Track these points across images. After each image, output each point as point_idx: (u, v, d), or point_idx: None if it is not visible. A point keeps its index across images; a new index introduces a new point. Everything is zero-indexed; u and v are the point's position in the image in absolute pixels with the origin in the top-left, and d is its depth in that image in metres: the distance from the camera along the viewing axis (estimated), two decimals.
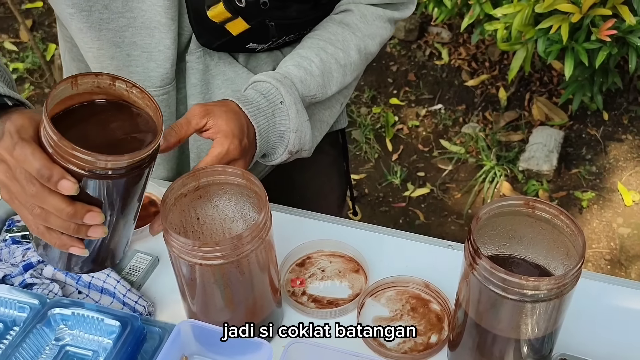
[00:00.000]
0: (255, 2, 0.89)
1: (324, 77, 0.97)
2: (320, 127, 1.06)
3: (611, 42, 1.86)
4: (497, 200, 0.74)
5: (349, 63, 0.99)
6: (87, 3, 0.89)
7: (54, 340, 0.82)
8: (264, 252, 0.78)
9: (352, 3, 1.01)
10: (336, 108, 1.08)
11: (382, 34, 1.04)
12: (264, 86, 0.91)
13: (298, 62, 0.95)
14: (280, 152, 0.94)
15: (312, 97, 0.97)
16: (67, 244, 0.72)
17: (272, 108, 0.91)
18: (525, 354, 0.76)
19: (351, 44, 0.99)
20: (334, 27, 0.99)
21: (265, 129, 0.90)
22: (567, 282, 0.69)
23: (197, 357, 0.83)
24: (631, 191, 2.41)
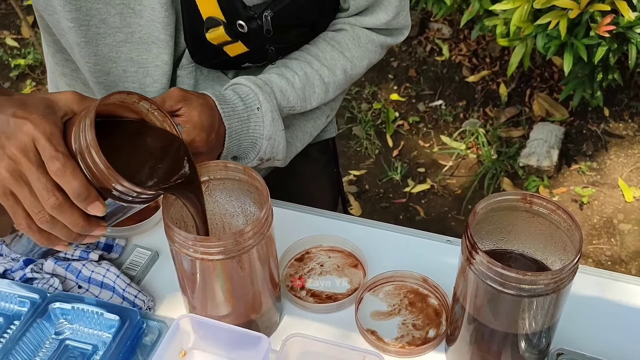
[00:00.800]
0: (258, 29, 0.90)
1: (304, 91, 0.97)
2: (302, 137, 1.06)
3: (610, 38, 1.86)
4: (495, 195, 0.74)
5: (332, 81, 1.00)
6: (85, 17, 0.89)
7: (54, 334, 0.83)
8: (265, 248, 0.78)
9: (347, 24, 1.01)
10: (321, 120, 1.08)
11: (372, 57, 1.04)
12: (243, 90, 0.91)
13: (282, 72, 0.95)
14: (252, 157, 0.94)
15: (290, 109, 0.97)
16: (54, 243, 0.73)
17: (248, 112, 0.91)
18: (522, 349, 0.77)
19: (338, 63, 0.99)
20: (325, 45, 0.99)
21: (237, 132, 0.90)
22: (564, 277, 0.69)
23: (197, 352, 0.83)
24: (632, 187, 2.41)
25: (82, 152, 0.67)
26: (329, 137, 1.19)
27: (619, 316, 0.87)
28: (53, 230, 0.71)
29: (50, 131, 0.68)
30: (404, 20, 1.03)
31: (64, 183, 0.67)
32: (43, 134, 0.67)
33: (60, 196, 0.68)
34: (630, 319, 0.87)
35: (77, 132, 0.68)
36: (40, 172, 0.68)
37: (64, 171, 0.67)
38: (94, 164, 0.66)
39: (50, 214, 0.69)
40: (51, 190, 0.68)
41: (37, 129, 0.67)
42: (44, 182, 0.67)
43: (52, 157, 0.67)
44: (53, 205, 0.68)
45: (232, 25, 0.89)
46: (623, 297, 0.90)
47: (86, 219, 0.70)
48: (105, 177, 0.67)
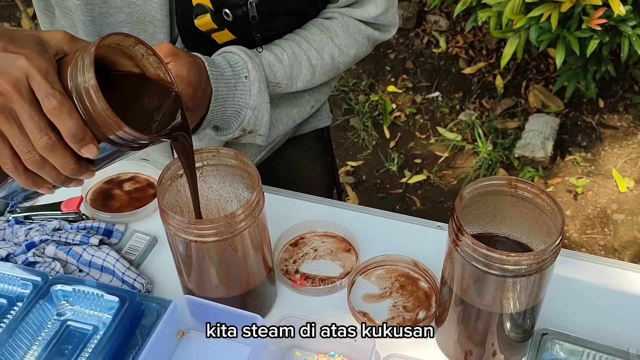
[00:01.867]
0: (244, 16, 0.90)
1: (292, 69, 0.97)
2: (286, 122, 1.06)
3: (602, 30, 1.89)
4: (481, 179, 0.77)
5: (319, 64, 1.00)
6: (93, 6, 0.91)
7: (55, 315, 0.86)
8: (256, 231, 0.80)
9: (337, 12, 1.02)
10: (306, 109, 1.08)
11: (359, 48, 1.05)
12: (233, 57, 0.91)
13: (271, 48, 0.96)
14: (234, 127, 0.93)
15: (276, 85, 0.97)
16: (39, 186, 0.71)
17: (236, 79, 0.90)
18: (508, 329, 0.79)
19: (326, 47, 1.00)
20: (314, 28, 1.00)
21: (223, 97, 0.89)
22: (547, 258, 0.72)
23: (193, 332, 0.86)
24: (626, 178, 2.43)
25: (79, 92, 0.64)
26: (324, 126, 1.21)
27: (600, 298, 0.90)
28: (41, 171, 0.68)
29: (46, 68, 0.64)
30: (392, 17, 1.04)
31: (60, 122, 0.64)
32: (38, 70, 0.64)
33: (53, 136, 0.65)
34: (610, 301, 0.90)
35: (74, 71, 0.64)
36: (33, 109, 0.64)
37: (60, 110, 0.64)
38: (92, 105, 0.63)
39: (41, 155, 0.66)
40: (44, 129, 0.65)
41: (32, 64, 0.64)
42: (37, 120, 0.64)
43: (49, 94, 0.64)
44: (45, 145, 0.65)
45: (218, 13, 0.90)
46: (604, 280, 0.92)
47: (77, 161, 0.67)
48: (102, 119, 0.64)
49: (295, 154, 1.09)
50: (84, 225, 0.96)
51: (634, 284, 0.91)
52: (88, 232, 0.95)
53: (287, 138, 1.15)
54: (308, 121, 1.18)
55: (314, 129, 1.19)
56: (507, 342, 0.81)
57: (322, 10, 1.03)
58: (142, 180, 1.06)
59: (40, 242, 0.92)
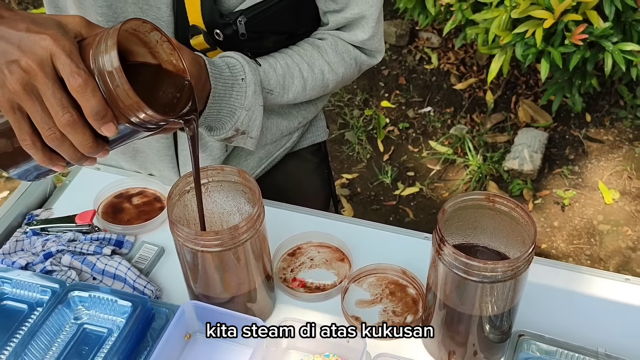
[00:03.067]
0: (234, 34, 0.96)
1: (285, 79, 1.02)
2: (274, 133, 1.11)
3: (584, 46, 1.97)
4: (461, 194, 0.85)
5: (310, 78, 1.05)
6: (113, 14, 0.97)
7: (73, 319, 0.93)
8: (257, 242, 0.88)
9: (328, 34, 1.08)
10: (294, 124, 1.14)
11: (347, 68, 1.09)
12: (231, 61, 0.95)
13: (266, 58, 1.02)
14: (228, 127, 0.96)
15: (269, 91, 1.01)
16: (55, 163, 0.73)
17: (232, 81, 0.94)
18: (487, 330, 0.87)
19: (317, 62, 1.05)
20: (306, 44, 1.06)
21: (220, 96, 0.92)
22: (520, 265, 0.79)
23: (199, 334, 0.93)
24: (611, 190, 2.52)
25: (101, 72, 0.67)
26: (320, 141, 1.29)
27: (572, 303, 0.97)
28: (60, 148, 0.70)
29: (70, 48, 0.67)
30: (378, 43, 1.10)
31: (84, 100, 0.66)
32: (63, 49, 0.66)
33: (75, 113, 0.67)
34: (581, 305, 0.97)
35: (96, 52, 0.67)
36: (56, 87, 0.66)
37: (84, 88, 0.66)
38: (114, 85, 0.66)
39: (61, 132, 0.68)
40: (67, 107, 0.67)
41: (57, 44, 0.66)
42: (59, 98, 0.66)
43: (74, 72, 0.66)
44: (67, 122, 0.67)
45: (210, 34, 0.97)
46: (576, 286, 1.00)
47: (95, 139, 0.69)
48: (123, 98, 0.67)
49: (294, 167, 1.16)
50: (96, 237, 1.04)
51: (602, 290, 0.99)
52: (101, 243, 1.02)
53: (286, 152, 1.23)
54: (305, 136, 1.25)
55: (312, 144, 1.26)
56: (486, 343, 0.88)
57: (313, 32, 1.10)
58: (150, 194, 1.14)
59: (57, 252, 1.00)
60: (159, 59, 0.77)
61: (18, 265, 0.98)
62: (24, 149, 0.72)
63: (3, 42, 0.68)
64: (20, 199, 1.11)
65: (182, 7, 0.96)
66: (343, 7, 1.04)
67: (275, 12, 0.99)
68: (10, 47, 0.68)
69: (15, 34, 0.68)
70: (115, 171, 1.20)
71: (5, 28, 0.69)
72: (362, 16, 1.05)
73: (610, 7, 1.98)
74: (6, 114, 0.70)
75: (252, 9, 0.97)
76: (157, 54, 0.77)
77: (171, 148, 1.12)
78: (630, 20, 2.10)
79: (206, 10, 0.95)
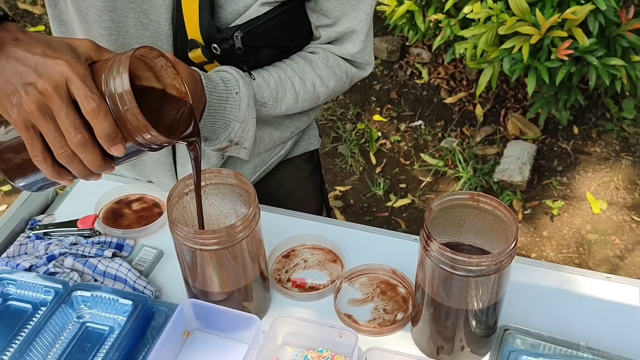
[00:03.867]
0: (230, 49, 1.01)
1: (278, 92, 1.06)
2: (267, 142, 1.15)
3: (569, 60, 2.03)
4: (447, 194, 0.89)
5: (302, 91, 1.09)
6: (116, 28, 1.01)
7: (75, 318, 0.96)
8: (253, 242, 0.91)
9: (319, 47, 1.11)
10: (286, 133, 1.18)
11: (337, 81, 1.13)
12: (226, 75, 0.99)
13: (259, 71, 1.06)
14: (222, 138, 1.00)
15: (262, 104, 1.05)
16: (63, 178, 0.78)
17: (227, 94, 0.98)
18: (474, 325, 0.90)
19: (309, 75, 1.09)
20: (298, 58, 1.10)
21: (215, 109, 0.97)
22: (504, 260, 0.83)
23: (198, 332, 0.96)
24: (599, 200, 2.56)
25: (112, 96, 0.72)
26: (313, 149, 1.33)
27: (554, 299, 1.01)
28: (70, 165, 0.75)
29: (84, 73, 0.72)
30: (367, 56, 1.14)
31: (96, 123, 0.71)
32: (77, 75, 0.71)
33: (86, 134, 0.72)
34: (563, 301, 1.01)
35: (108, 77, 0.72)
36: (70, 109, 0.71)
37: (98, 111, 0.71)
38: (124, 108, 0.71)
39: (72, 150, 0.73)
40: (79, 128, 0.72)
41: (72, 69, 0.71)
42: (72, 119, 0.71)
43: (88, 97, 0.71)
44: (79, 142, 0.72)
45: (208, 48, 1.01)
46: (558, 283, 1.04)
47: (103, 158, 0.75)
48: (132, 121, 0.72)
49: (287, 174, 1.19)
50: (97, 240, 1.07)
51: (582, 286, 1.03)
52: (102, 246, 1.06)
53: (280, 159, 1.27)
54: (299, 144, 1.29)
55: (305, 152, 1.31)
56: (473, 337, 0.92)
57: (306, 45, 1.14)
58: (149, 200, 1.17)
59: (59, 254, 1.03)
60: (163, 82, 0.82)
61: (22, 268, 1.01)
62: (35, 164, 0.77)
63: (20, 65, 0.73)
64: (23, 206, 1.14)
65: (181, 22, 1.01)
66: (334, 21, 1.08)
67: (270, 27, 1.03)
68: (27, 69, 0.73)
69: (32, 58, 0.73)
70: (115, 179, 1.24)
71: (22, 51, 0.74)
72: (352, 30, 1.09)
73: (594, 23, 2.05)
74: (20, 131, 0.74)
75: (248, 24, 1.01)
76: (161, 78, 0.82)
77: (169, 156, 1.16)
78: (614, 35, 2.16)
79: (204, 25, 0.99)
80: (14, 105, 0.73)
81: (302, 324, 0.93)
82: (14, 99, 0.73)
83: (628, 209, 2.53)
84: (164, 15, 1.01)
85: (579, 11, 1.95)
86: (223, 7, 1.00)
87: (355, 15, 1.07)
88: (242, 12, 1.01)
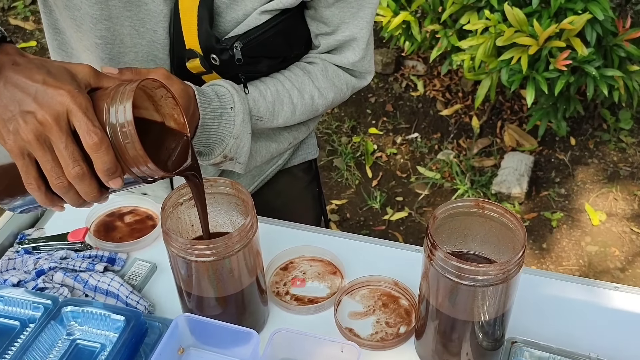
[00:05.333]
0: (230, 59, 0.98)
1: (274, 105, 1.04)
2: (264, 155, 1.12)
3: (568, 71, 2.01)
4: (451, 201, 0.86)
5: (300, 103, 1.07)
6: (112, 37, 0.98)
7: (65, 335, 0.92)
8: (250, 253, 0.88)
9: (318, 58, 1.09)
10: (284, 145, 1.15)
11: (337, 93, 1.11)
12: (221, 90, 0.97)
13: (256, 84, 1.03)
14: (217, 153, 0.98)
15: (258, 118, 1.03)
16: (55, 205, 0.77)
17: (222, 110, 0.96)
18: (480, 338, 0.87)
19: (307, 88, 1.07)
20: (297, 70, 1.08)
21: (209, 124, 0.95)
22: (512, 269, 0.80)
23: (193, 349, 0.93)
24: (598, 211, 2.54)
25: (115, 129, 0.71)
26: (312, 159, 1.30)
27: (563, 310, 0.98)
28: (65, 195, 0.74)
29: (86, 105, 0.71)
30: (367, 65, 1.12)
31: (97, 157, 0.70)
32: (79, 107, 0.70)
33: (85, 166, 0.71)
34: (572, 312, 0.98)
35: (112, 110, 0.71)
36: (69, 141, 0.70)
37: (100, 146, 0.70)
38: (126, 143, 0.71)
39: (69, 181, 0.72)
40: (78, 160, 0.71)
41: (74, 101, 0.70)
42: (71, 151, 0.70)
43: (90, 130, 0.70)
44: (77, 174, 0.71)
45: (207, 58, 0.98)
46: (566, 293, 1.01)
47: (99, 190, 0.74)
48: (133, 156, 0.71)
49: (286, 184, 1.17)
50: (89, 254, 1.04)
51: (594, 297, 1.00)
52: (93, 260, 1.02)
53: (278, 169, 1.24)
54: (297, 154, 1.26)
55: (303, 161, 1.28)
56: (480, 351, 0.89)
57: (304, 55, 1.12)
58: (142, 212, 1.14)
59: (49, 269, 0.99)
60: (161, 112, 0.81)
61: (10, 283, 0.98)
62: (28, 190, 0.75)
63: (18, 91, 0.72)
64: (12, 219, 1.11)
65: (178, 31, 0.98)
66: (334, 29, 1.06)
67: (270, 36, 1.01)
68: (26, 97, 0.71)
69: (32, 85, 0.71)
70: None
71: (21, 77, 0.72)
72: (353, 38, 1.07)
73: (592, 33, 2.03)
74: (15, 158, 0.73)
75: (248, 34, 0.99)
76: (160, 108, 0.81)
77: None
78: (611, 44, 2.15)
79: (203, 35, 0.97)
80: (11, 133, 0.71)
81: (302, 339, 0.90)
82: (11, 126, 0.71)
83: (627, 220, 2.51)
84: (161, 24, 0.98)
85: (577, 21, 1.94)
86: (222, 16, 0.98)
87: (356, 24, 1.06)
88: (242, 20, 0.99)
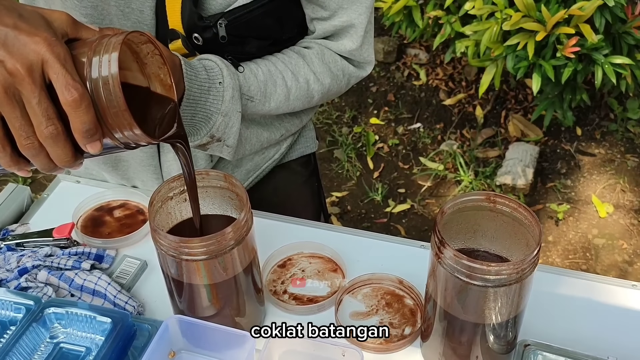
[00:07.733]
0: (214, 38, 0.92)
1: (266, 86, 0.97)
2: (255, 143, 1.06)
3: (576, 59, 1.95)
4: (461, 195, 0.80)
5: (294, 87, 1.01)
6: (99, 15, 0.92)
7: (48, 338, 0.87)
8: (245, 251, 0.83)
9: (314, 42, 1.04)
10: (276, 135, 1.09)
11: (333, 79, 1.05)
12: (209, 63, 0.91)
13: (247, 63, 0.97)
14: (203, 133, 0.91)
15: (249, 98, 0.96)
16: (20, 168, 0.68)
17: (209, 84, 0.89)
18: (491, 341, 0.82)
19: (302, 71, 1.01)
20: (291, 52, 1.02)
21: (195, 99, 0.88)
22: (526, 268, 0.75)
23: (184, 352, 0.87)
24: (605, 203, 2.49)
25: (97, 86, 0.63)
26: (310, 152, 1.25)
27: (579, 310, 0.93)
28: (34, 158, 0.66)
29: (64, 56, 0.62)
30: (366, 54, 1.06)
31: (75, 116, 0.62)
32: (57, 58, 0.62)
33: (59, 125, 0.63)
34: (589, 313, 0.93)
35: (94, 60, 0.63)
36: (43, 95, 0.62)
37: (79, 103, 0.62)
38: (109, 101, 0.63)
39: (39, 142, 0.64)
40: (52, 118, 0.63)
41: (51, 50, 0.62)
42: (45, 107, 0.62)
43: (70, 85, 0.62)
44: (50, 134, 0.63)
45: (189, 38, 0.93)
46: (582, 293, 0.95)
47: (74, 154, 0.66)
48: (115, 116, 0.64)
49: (283, 179, 1.11)
50: (75, 251, 0.98)
51: (610, 296, 0.95)
52: (79, 258, 0.97)
53: (274, 164, 1.18)
54: (294, 147, 1.21)
55: (301, 155, 1.22)
56: (491, 354, 0.83)
57: (299, 39, 1.06)
58: (132, 207, 1.09)
59: (32, 267, 0.94)
60: (147, 71, 0.74)
61: None
62: None
63: None
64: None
65: (164, 11, 0.93)
66: (331, 14, 1.00)
67: (258, 15, 0.95)
68: None
69: (1, 29, 0.63)
70: (96, 183, 1.15)
71: None
72: (350, 24, 1.01)
73: (601, 20, 1.97)
74: None
75: (233, 12, 0.94)
76: (145, 66, 0.74)
77: (155, 157, 1.08)
78: (620, 32, 2.09)
79: (185, 13, 0.91)
80: None
81: (301, 341, 0.84)
82: None
83: (635, 212, 2.45)
84: (147, 4, 0.93)
85: (587, 6, 1.87)
86: None
87: (354, 9, 1.00)
88: (232, 2, 0.93)
